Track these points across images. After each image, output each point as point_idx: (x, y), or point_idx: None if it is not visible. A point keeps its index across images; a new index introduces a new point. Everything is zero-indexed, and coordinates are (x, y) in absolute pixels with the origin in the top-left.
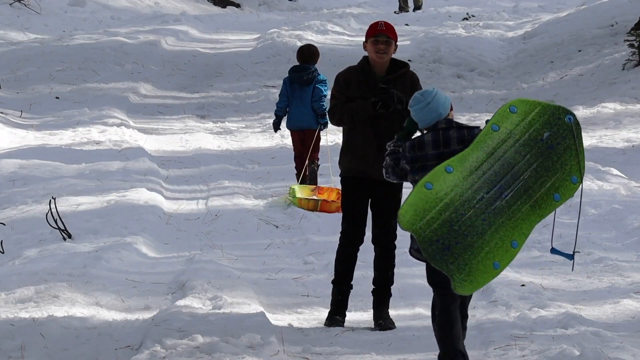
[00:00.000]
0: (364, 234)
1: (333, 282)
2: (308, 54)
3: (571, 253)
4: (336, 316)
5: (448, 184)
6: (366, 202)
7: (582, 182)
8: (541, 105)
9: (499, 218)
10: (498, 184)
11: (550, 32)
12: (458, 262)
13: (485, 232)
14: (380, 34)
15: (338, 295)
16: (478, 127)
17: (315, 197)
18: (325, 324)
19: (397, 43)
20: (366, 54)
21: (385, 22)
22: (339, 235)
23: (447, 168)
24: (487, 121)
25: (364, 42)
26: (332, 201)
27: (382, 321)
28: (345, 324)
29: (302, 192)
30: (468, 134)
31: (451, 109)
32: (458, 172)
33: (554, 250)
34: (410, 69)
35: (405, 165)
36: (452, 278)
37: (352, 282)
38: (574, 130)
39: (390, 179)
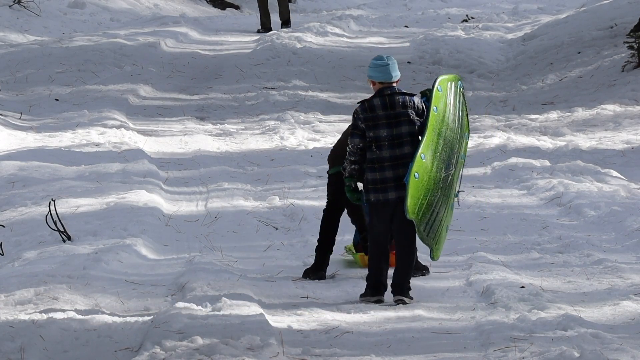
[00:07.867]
0: None
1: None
2: None
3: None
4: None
5: (425, 170)
6: None
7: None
8: (447, 80)
9: (450, 189)
10: (448, 161)
11: (550, 34)
12: (436, 236)
13: (447, 204)
14: None
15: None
16: (416, 94)
17: None
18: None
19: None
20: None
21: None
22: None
23: (422, 156)
24: (421, 93)
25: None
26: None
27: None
28: (345, 325)
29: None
30: (409, 99)
31: (397, 81)
32: (429, 157)
33: None
34: (410, 70)
35: (361, 124)
36: (432, 249)
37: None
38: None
39: (355, 165)
